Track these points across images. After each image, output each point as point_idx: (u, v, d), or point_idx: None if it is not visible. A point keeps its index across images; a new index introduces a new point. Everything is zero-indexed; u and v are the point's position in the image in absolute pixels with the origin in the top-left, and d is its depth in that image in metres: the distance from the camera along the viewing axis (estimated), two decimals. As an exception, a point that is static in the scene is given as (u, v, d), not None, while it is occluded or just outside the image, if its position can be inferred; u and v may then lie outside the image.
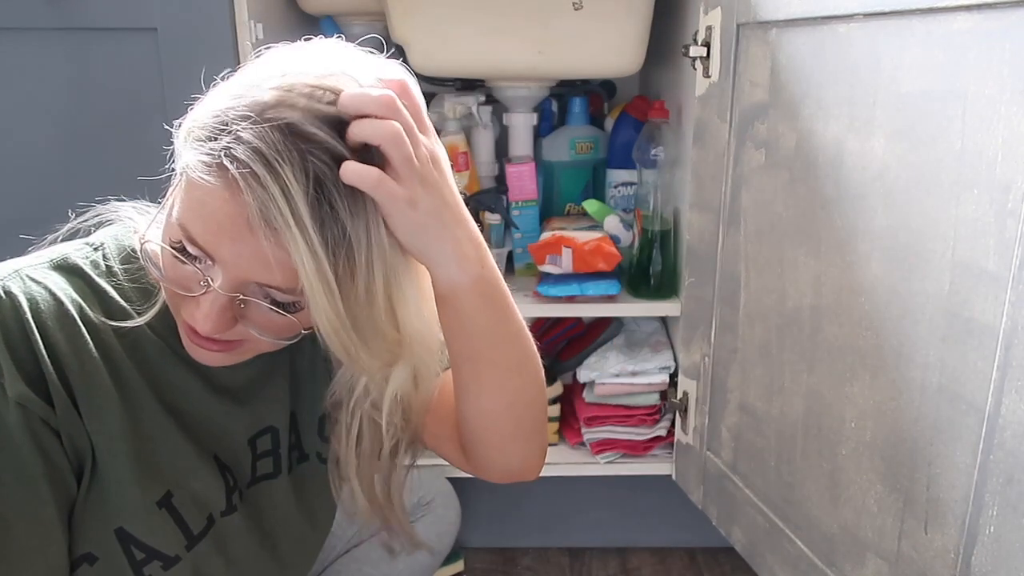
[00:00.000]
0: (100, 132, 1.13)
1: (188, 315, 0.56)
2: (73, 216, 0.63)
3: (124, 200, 0.65)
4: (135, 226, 0.64)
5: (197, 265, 0.53)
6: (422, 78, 1.18)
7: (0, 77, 1.10)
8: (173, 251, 0.53)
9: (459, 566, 1.29)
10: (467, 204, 0.61)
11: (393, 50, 0.63)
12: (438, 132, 0.60)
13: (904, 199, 0.69)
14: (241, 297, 0.53)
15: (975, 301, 0.62)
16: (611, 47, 1.15)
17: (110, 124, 1.12)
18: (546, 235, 1.19)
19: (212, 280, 0.52)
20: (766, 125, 0.88)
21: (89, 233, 0.64)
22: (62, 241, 0.63)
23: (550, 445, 1.25)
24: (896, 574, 0.74)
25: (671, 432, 1.20)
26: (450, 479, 1.06)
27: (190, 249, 0.52)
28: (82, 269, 0.60)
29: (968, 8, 0.61)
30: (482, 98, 1.27)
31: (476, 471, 0.73)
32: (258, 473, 0.71)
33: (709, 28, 0.96)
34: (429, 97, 1.29)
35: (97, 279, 0.60)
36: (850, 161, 0.75)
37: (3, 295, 0.55)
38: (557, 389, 1.25)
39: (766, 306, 0.91)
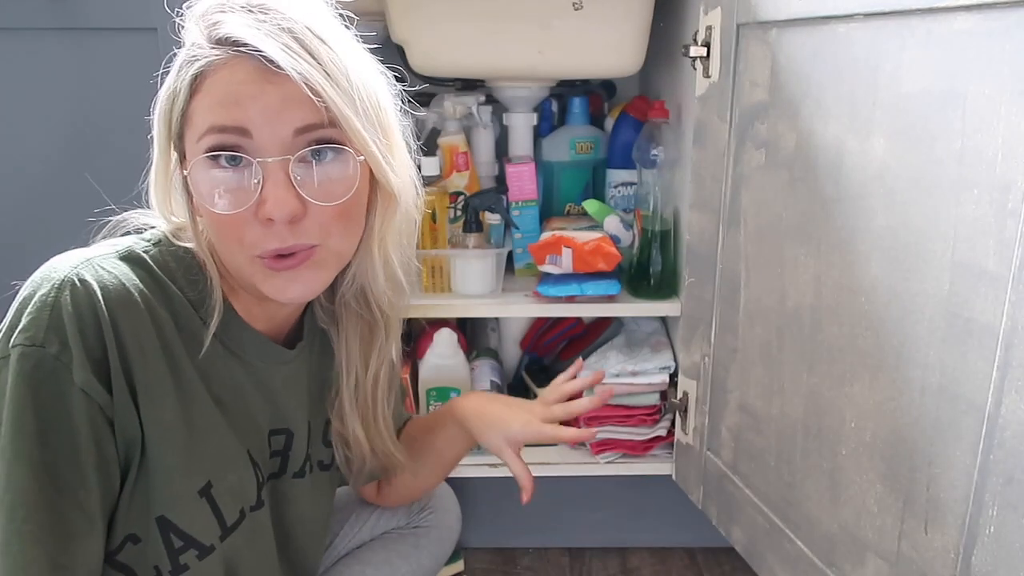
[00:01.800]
0: (100, 132, 1.13)
1: (261, 222, 0.59)
2: (95, 230, 0.66)
3: (133, 208, 0.67)
4: (167, 227, 0.66)
5: (238, 157, 0.58)
6: (422, 78, 1.18)
7: (0, 77, 1.10)
8: (212, 163, 0.58)
9: (459, 566, 1.29)
10: (467, 204, 0.64)
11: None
12: (438, 132, 0.64)
13: (904, 199, 0.69)
14: (291, 160, 0.58)
15: (975, 301, 0.62)
16: (611, 47, 1.15)
17: (110, 124, 1.12)
18: (546, 235, 1.19)
19: (259, 156, 0.58)
20: (766, 125, 0.88)
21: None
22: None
23: (551, 445, 1.25)
24: (896, 574, 0.74)
25: (671, 432, 1.20)
26: (449, 482, 1.06)
27: (223, 141, 0.57)
28: (146, 262, 0.62)
29: (968, 8, 0.61)
30: (482, 98, 1.27)
31: (381, 504, 0.95)
32: (269, 471, 0.73)
33: (709, 28, 0.96)
34: (429, 97, 1.29)
35: (159, 272, 0.62)
36: (850, 161, 0.75)
37: (78, 282, 0.56)
38: (557, 389, 1.24)
39: (766, 306, 0.91)
